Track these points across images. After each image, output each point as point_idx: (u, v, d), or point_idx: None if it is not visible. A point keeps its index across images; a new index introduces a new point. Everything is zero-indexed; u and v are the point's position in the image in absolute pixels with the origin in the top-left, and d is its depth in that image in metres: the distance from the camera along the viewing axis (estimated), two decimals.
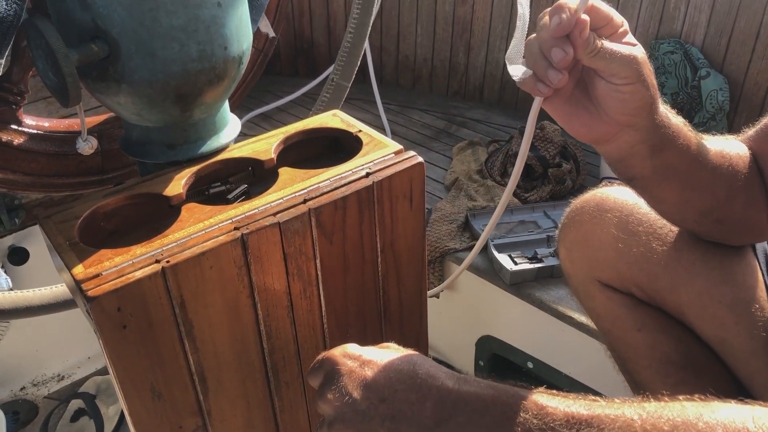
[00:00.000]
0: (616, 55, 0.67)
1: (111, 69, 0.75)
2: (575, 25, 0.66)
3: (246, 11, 0.83)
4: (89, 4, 0.72)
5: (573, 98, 0.73)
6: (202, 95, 0.80)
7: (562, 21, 0.65)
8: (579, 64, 0.71)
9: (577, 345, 1.39)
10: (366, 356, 0.66)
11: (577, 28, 0.66)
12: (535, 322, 1.46)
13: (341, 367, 0.65)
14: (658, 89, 0.72)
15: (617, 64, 0.68)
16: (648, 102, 0.71)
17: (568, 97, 0.73)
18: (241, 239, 0.72)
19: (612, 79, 0.69)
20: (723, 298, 0.88)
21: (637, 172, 0.79)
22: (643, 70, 0.69)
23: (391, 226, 0.85)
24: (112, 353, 0.67)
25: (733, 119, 1.96)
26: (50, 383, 1.78)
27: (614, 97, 0.70)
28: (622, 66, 0.68)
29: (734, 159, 0.83)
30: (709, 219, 0.86)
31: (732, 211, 0.85)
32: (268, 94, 2.43)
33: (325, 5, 2.52)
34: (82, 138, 0.90)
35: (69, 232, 0.73)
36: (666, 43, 1.97)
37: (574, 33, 0.66)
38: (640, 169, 0.78)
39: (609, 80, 0.69)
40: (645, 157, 0.76)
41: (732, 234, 0.89)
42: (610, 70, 0.68)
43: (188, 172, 0.81)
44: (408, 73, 2.53)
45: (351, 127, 0.90)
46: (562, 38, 0.67)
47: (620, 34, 0.69)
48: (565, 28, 0.66)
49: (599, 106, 0.72)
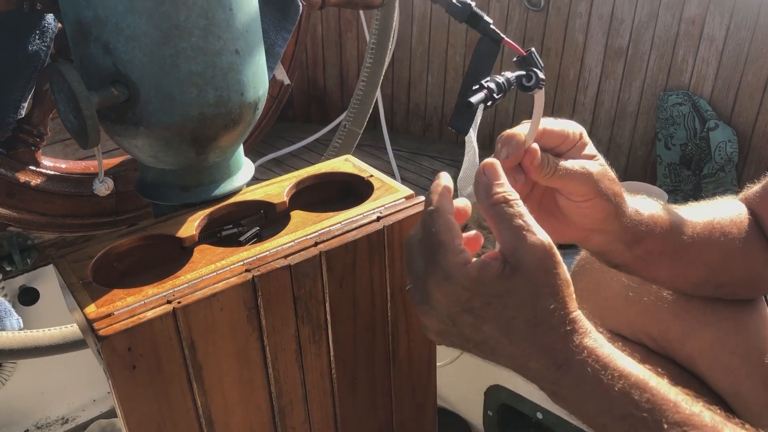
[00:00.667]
0: (571, 175, 0.69)
1: (130, 112, 0.77)
2: (525, 154, 0.67)
3: (263, 59, 0.85)
4: (111, 50, 0.74)
5: (542, 206, 0.74)
6: (217, 139, 0.82)
7: (510, 153, 0.66)
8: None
9: None
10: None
11: (527, 157, 0.67)
12: None
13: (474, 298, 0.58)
14: (622, 195, 0.73)
15: (574, 184, 0.69)
16: (611, 212, 0.72)
17: (536, 205, 0.74)
18: (252, 281, 0.72)
19: (571, 197, 0.71)
20: (735, 349, 0.87)
21: (620, 262, 0.80)
22: (601, 184, 0.70)
23: (402, 270, 0.85)
24: (121, 393, 0.67)
25: (742, 170, 1.97)
26: (54, 426, 1.76)
27: (576, 212, 0.72)
28: (578, 185, 0.69)
29: (727, 227, 0.83)
30: (707, 286, 0.87)
31: (731, 276, 0.85)
32: (281, 139, 2.46)
33: (339, 55, 2.58)
34: (98, 179, 0.91)
35: (82, 271, 0.73)
36: (674, 95, 2.00)
37: (525, 162, 0.67)
38: (623, 260, 0.79)
39: (568, 197, 0.71)
40: (623, 250, 0.77)
41: (738, 293, 0.89)
42: (568, 189, 0.70)
43: (201, 215, 0.82)
44: (418, 120, 2.57)
45: (363, 172, 0.91)
46: (514, 167, 0.68)
47: (579, 147, 0.71)
48: (515, 159, 0.67)
49: (566, 216, 0.73)
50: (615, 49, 2.09)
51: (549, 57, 2.24)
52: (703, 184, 1.95)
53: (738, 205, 0.87)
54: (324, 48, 2.59)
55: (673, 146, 2.00)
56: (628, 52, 2.07)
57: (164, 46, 0.74)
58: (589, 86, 2.19)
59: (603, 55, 2.13)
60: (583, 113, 2.23)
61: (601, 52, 2.13)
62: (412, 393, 0.96)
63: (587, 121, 2.21)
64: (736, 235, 0.83)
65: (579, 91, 2.22)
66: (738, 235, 0.83)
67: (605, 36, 2.10)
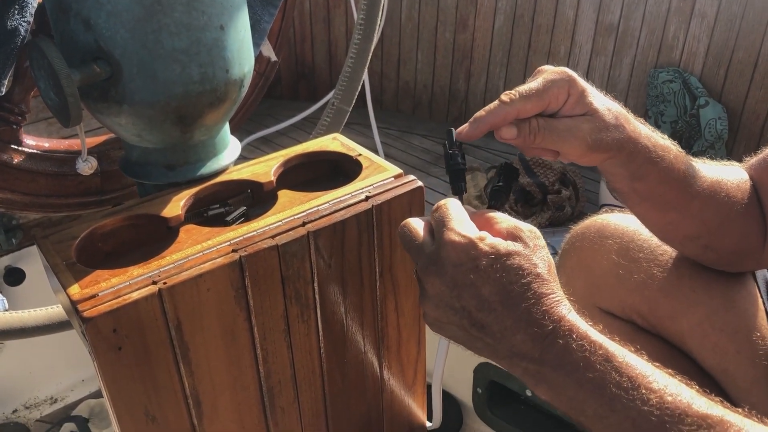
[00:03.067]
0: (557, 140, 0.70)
1: (112, 90, 0.75)
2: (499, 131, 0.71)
3: (248, 35, 0.83)
4: (92, 26, 0.72)
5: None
6: (202, 117, 0.80)
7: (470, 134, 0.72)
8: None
9: None
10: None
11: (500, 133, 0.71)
12: None
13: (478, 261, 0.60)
14: (628, 134, 0.73)
15: (563, 146, 0.71)
16: (611, 154, 0.73)
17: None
18: (239, 261, 0.71)
19: (564, 157, 0.73)
20: (725, 327, 0.87)
21: (618, 188, 0.81)
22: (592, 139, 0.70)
23: (390, 250, 0.84)
24: (107, 375, 0.66)
25: (732, 148, 1.97)
26: (43, 406, 1.76)
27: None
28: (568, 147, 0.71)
29: (731, 189, 0.83)
30: (697, 244, 0.86)
31: (724, 241, 0.85)
32: (269, 117, 2.44)
33: (327, 31, 2.55)
34: (82, 158, 0.90)
35: (66, 252, 0.72)
36: (665, 72, 1.99)
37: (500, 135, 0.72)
38: (621, 186, 0.80)
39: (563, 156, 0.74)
40: (625, 177, 0.77)
41: (725, 262, 0.89)
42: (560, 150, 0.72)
43: (187, 194, 0.81)
44: (408, 99, 2.55)
45: (351, 150, 0.90)
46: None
47: (570, 102, 0.71)
48: (474, 136, 0.72)
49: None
50: (605, 25, 2.08)
51: (540, 33, 2.22)
52: None
53: (742, 171, 0.87)
54: (312, 24, 2.56)
55: (663, 123, 2.00)
56: (618, 29, 2.06)
57: (147, 21, 0.72)
58: (580, 63, 2.17)
59: (593, 31, 2.11)
60: None
61: (591, 28, 2.11)
62: (401, 372, 0.95)
63: None
64: (738, 199, 0.82)
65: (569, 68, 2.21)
66: (740, 201, 0.83)
67: (596, 12, 2.09)
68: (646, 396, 0.55)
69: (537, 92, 0.70)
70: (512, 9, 2.24)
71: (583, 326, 0.59)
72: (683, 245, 0.88)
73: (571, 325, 0.58)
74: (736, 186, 0.83)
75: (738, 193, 0.83)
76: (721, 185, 0.82)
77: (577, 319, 0.59)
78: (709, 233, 0.84)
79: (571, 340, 0.58)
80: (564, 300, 0.60)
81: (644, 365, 0.58)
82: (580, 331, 0.58)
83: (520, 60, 2.30)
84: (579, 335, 0.58)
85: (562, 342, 0.58)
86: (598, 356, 0.57)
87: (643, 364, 0.58)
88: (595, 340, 0.58)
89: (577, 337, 0.58)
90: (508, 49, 2.30)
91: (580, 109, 0.71)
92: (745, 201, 0.83)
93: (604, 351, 0.58)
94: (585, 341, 0.58)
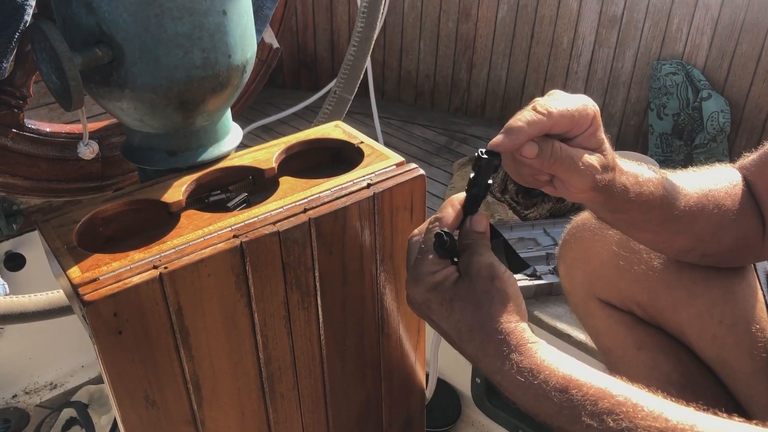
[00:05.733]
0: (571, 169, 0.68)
1: (114, 74, 0.75)
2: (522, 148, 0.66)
3: (251, 21, 0.83)
4: (95, 9, 0.72)
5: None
6: (204, 102, 0.80)
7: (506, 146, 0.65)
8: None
9: None
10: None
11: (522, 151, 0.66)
12: None
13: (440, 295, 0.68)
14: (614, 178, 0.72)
15: (571, 177, 0.69)
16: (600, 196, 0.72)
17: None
18: (239, 247, 0.71)
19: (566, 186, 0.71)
20: (724, 318, 0.87)
21: (603, 218, 0.81)
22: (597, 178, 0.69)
23: (391, 238, 0.84)
24: (107, 359, 0.66)
25: (734, 141, 1.96)
26: (42, 391, 1.77)
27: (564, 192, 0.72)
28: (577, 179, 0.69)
29: (721, 199, 0.82)
30: (692, 254, 0.87)
31: (719, 247, 0.85)
32: (270, 106, 2.43)
33: (329, 20, 2.54)
34: (83, 142, 0.90)
35: (67, 236, 0.72)
36: (668, 64, 1.98)
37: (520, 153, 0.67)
38: (605, 218, 0.80)
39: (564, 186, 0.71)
40: (606, 213, 0.77)
41: (724, 261, 0.89)
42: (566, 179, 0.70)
43: (188, 180, 0.81)
44: (410, 88, 2.54)
45: (353, 138, 0.90)
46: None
47: (589, 134, 0.69)
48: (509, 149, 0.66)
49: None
50: (609, 16, 2.07)
51: (543, 24, 2.21)
52: (695, 154, 1.95)
53: (733, 173, 0.86)
54: (314, 13, 2.55)
55: (665, 116, 1.99)
56: (622, 20, 2.05)
57: (149, 5, 0.72)
58: (583, 55, 2.16)
59: (597, 23, 2.10)
60: (576, 82, 2.21)
61: (594, 20, 2.10)
62: (401, 359, 0.96)
63: (580, 89, 2.19)
64: (729, 206, 0.82)
65: (572, 59, 2.20)
66: (731, 207, 0.82)
67: (599, 3, 2.07)
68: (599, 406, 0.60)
69: (571, 114, 0.66)
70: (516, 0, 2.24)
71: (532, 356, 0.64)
72: (679, 256, 0.89)
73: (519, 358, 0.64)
74: (726, 194, 0.82)
75: (728, 200, 0.82)
76: (709, 197, 0.81)
77: (527, 348, 0.64)
78: (704, 244, 0.84)
79: (520, 374, 0.63)
80: (513, 332, 0.65)
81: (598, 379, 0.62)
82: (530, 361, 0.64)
83: (522, 50, 2.29)
84: (527, 366, 0.63)
85: (514, 374, 0.63)
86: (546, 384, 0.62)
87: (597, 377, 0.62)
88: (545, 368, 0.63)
89: (523, 369, 0.63)
90: (510, 40, 2.29)
91: (594, 143, 0.69)
92: (736, 207, 0.82)
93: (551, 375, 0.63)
94: (534, 370, 0.63)
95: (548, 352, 0.64)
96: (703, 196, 0.80)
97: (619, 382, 0.61)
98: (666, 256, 0.91)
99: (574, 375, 0.62)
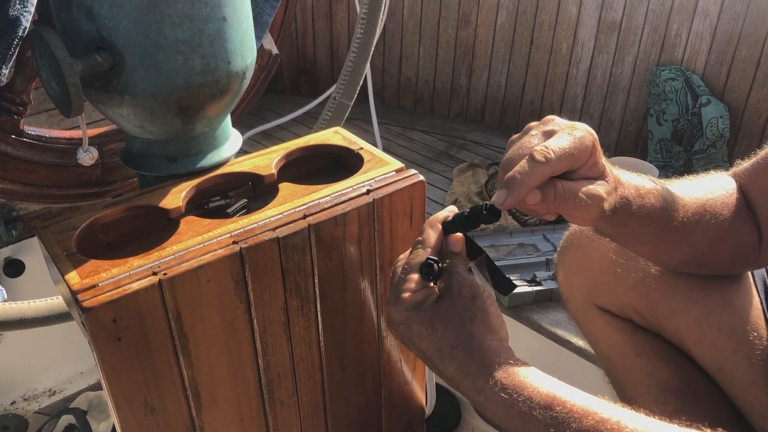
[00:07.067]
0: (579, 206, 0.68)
1: (114, 80, 0.75)
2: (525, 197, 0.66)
3: (250, 27, 0.83)
4: (95, 16, 0.72)
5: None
6: (204, 108, 0.80)
7: (508, 201, 0.65)
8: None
9: (574, 369, 1.38)
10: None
11: (526, 199, 0.66)
12: (533, 346, 1.45)
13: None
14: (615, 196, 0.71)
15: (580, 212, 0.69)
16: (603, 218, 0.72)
17: None
18: (239, 253, 0.71)
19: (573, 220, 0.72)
20: (722, 326, 0.87)
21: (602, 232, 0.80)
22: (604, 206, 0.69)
23: (391, 243, 0.84)
24: (106, 365, 0.66)
25: (734, 147, 1.97)
26: (41, 398, 1.76)
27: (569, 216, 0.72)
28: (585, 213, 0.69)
29: (718, 209, 0.81)
30: (691, 265, 0.87)
31: (717, 258, 0.85)
32: (270, 112, 2.44)
33: (329, 26, 2.55)
34: (83, 148, 0.90)
35: (66, 242, 0.72)
36: (667, 70, 1.99)
37: (524, 203, 0.67)
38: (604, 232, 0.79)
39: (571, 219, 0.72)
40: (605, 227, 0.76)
41: (721, 270, 0.89)
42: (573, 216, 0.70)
43: (188, 186, 0.81)
44: (410, 94, 2.55)
45: (352, 144, 0.90)
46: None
47: (589, 164, 0.68)
48: (511, 204, 0.66)
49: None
50: (608, 22, 2.08)
51: (542, 30, 2.22)
52: (694, 160, 1.95)
53: (729, 181, 0.86)
54: (314, 19, 2.55)
55: (664, 122, 1.99)
56: (621, 26, 2.05)
57: (149, 12, 0.72)
58: (582, 60, 2.17)
59: (596, 28, 2.11)
60: (575, 88, 2.21)
61: (594, 25, 2.11)
62: (400, 366, 0.96)
63: (579, 95, 2.20)
64: (726, 216, 0.82)
65: (571, 65, 2.20)
66: (728, 217, 0.82)
67: (599, 9, 2.08)
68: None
69: (570, 153, 0.65)
70: (515, 5, 2.24)
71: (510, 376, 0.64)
72: (678, 268, 0.89)
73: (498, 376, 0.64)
74: (722, 203, 0.82)
75: (725, 210, 0.82)
76: (706, 208, 0.81)
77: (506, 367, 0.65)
78: (702, 255, 0.84)
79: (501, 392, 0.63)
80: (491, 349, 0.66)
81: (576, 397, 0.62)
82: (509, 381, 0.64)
83: (522, 56, 2.29)
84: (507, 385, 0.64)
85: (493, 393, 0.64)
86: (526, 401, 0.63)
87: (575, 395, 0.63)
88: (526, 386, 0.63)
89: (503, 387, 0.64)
90: (510, 46, 2.30)
91: (596, 172, 0.69)
92: (733, 215, 0.82)
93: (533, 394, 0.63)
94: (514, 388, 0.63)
95: (531, 372, 0.64)
96: (700, 207, 0.80)
97: (600, 400, 0.62)
98: (664, 268, 0.91)
99: (557, 393, 0.62)
